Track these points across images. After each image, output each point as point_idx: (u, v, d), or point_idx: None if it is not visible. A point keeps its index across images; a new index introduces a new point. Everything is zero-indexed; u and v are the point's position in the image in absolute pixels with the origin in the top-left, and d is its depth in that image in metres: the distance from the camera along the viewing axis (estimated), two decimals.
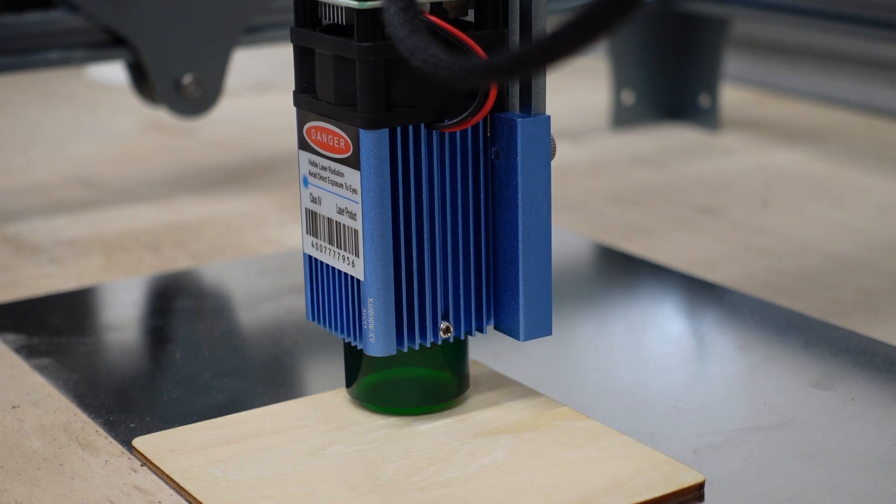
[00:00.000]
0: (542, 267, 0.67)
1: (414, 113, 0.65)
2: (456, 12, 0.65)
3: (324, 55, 0.66)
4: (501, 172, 0.67)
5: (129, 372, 0.80)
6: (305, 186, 0.68)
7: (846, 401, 0.73)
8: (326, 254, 0.68)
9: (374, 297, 0.65)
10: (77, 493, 0.65)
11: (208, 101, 1.09)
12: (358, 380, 0.70)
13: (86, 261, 0.99)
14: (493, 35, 0.65)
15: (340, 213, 0.66)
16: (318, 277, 0.69)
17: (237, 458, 0.66)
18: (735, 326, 0.84)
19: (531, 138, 0.65)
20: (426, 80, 0.62)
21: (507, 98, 0.66)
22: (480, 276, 0.68)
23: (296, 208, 1.10)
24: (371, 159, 0.64)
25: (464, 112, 0.65)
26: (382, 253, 0.65)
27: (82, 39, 1.05)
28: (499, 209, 0.67)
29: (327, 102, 0.66)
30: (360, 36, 0.63)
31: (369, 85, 0.63)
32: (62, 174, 1.22)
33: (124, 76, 1.12)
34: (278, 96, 1.52)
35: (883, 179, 1.16)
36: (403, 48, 0.55)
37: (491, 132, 0.67)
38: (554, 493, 0.62)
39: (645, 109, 1.35)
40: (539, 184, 0.66)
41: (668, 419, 0.71)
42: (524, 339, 0.68)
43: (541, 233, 0.67)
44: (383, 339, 0.66)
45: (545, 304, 0.68)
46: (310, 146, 0.67)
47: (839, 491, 0.63)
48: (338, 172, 0.66)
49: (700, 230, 1.03)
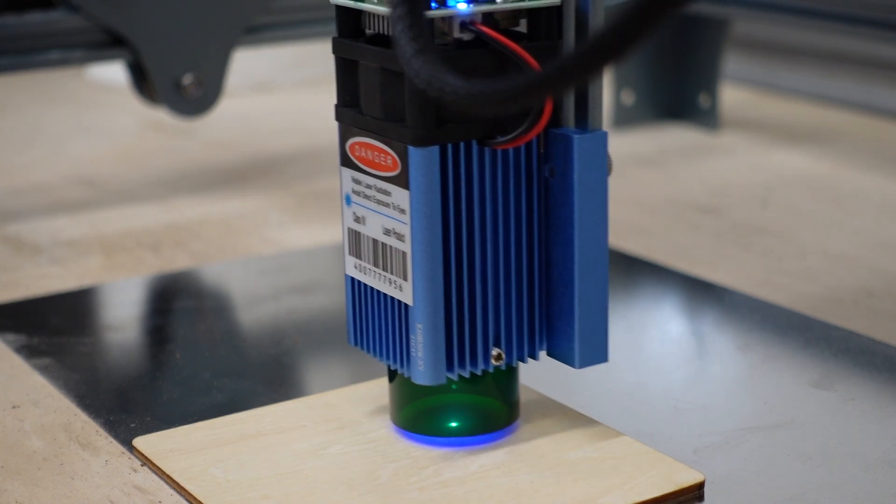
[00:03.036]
0: (598, 290, 0.64)
1: (465, 129, 0.61)
2: (507, 23, 0.62)
3: (369, 67, 0.62)
4: (556, 191, 0.63)
5: (129, 372, 0.80)
6: (348, 205, 0.65)
7: (846, 401, 0.73)
8: (371, 276, 0.64)
9: (424, 323, 0.62)
10: (77, 492, 0.65)
11: (208, 101, 1.09)
12: (403, 407, 0.67)
13: (86, 261, 0.99)
14: (547, 46, 0.62)
15: (387, 234, 0.63)
16: (362, 301, 0.65)
17: (237, 458, 0.66)
18: (735, 326, 0.84)
19: (588, 155, 0.62)
20: None
21: (562, 113, 0.63)
22: (533, 300, 0.64)
23: (295, 208, 1.10)
24: (420, 178, 0.60)
25: (517, 128, 0.61)
26: (432, 276, 0.61)
27: (82, 39, 1.05)
28: (552, 229, 0.64)
29: (373, 117, 0.62)
30: None
31: (419, 100, 0.59)
32: (62, 174, 1.22)
33: (124, 76, 1.12)
34: (278, 96, 1.53)
35: (883, 179, 1.16)
36: (409, 68, 0.53)
37: (545, 148, 0.63)
38: (554, 493, 0.62)
39: (645, 109, 1.35)
40: (596, 202, 0.63)
41: (668, 419, 0.71)
42: (580, 367, 0.64)
43: (597, 254, 0.63)
44: (432, 367, 0.62)
45: (601, 330, 0.64)
46: (353, 163, 0.64)
47: (839, 491, 0.63)
48: (384, 191, 0.62)
49: (700, 230, 1.03)
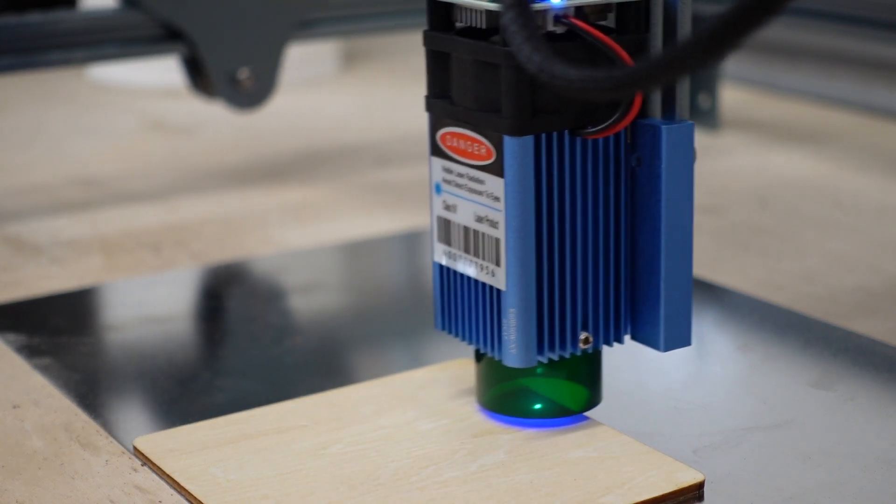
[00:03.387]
0: (683, 276, 0.65)
1: (558, 119, 0.62)
2: (596, 17, 0.63)
3: (462, 59, 0.64)
4: (643, 180, 0.64)
5: (129, 372, 0.80)
6: (438, 194, 0.66)
7: (846, 401, 0.73)
8: (461, 262, 0.66)
9: (516, 308, 0.63)
10: (78, 492, 0.65)
11: (263, 94, 1.12)
12: (489, 390, 0.68)
13: (86, 261, 0.99)
14: (636, 40, 0.63)
15: (479, 222, 0.64)
16: (451, 286, 0.67)
17: (237, 458, 0.66)
18: (735, 326, 0.84)
19: (676, 145, 0.63)
20: None
21: (650, 104, 0.64)
22: (620, 286, 0.66)
23: (295, 208, 1.10)
24: (515, 166, 0.62)
25: (608, 118, 0.62)
26: (525, 262, 0.63)
27: (139, 34, 1.07)
28: (639, 217, 0.65)
29: (466, 108, 0.64)
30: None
31: (516, 90, 0.61)
32: (62, 174, 1.22)
33: (124, 76, 1.12)
34: (278, 96, 1.52)
35: (883, 180, 1.16)
36: (520, 55, 0.55)
37: (632, 139, 0.64)
38: (554, 493, 0.62)
39: None
40: (682, 191, 0.64)
41: (668, 419, 0.71)
42: (665, 350, 0.66)
43: (683, 241, 0.64)
44: (524, 350, 0.64)
45: (686, 314, 0.65)
46: (444, 153, 0.65)
47: (839, 491, 0.63)
48: (477, 179, 0.64)
49: (700, 230, 1.03)
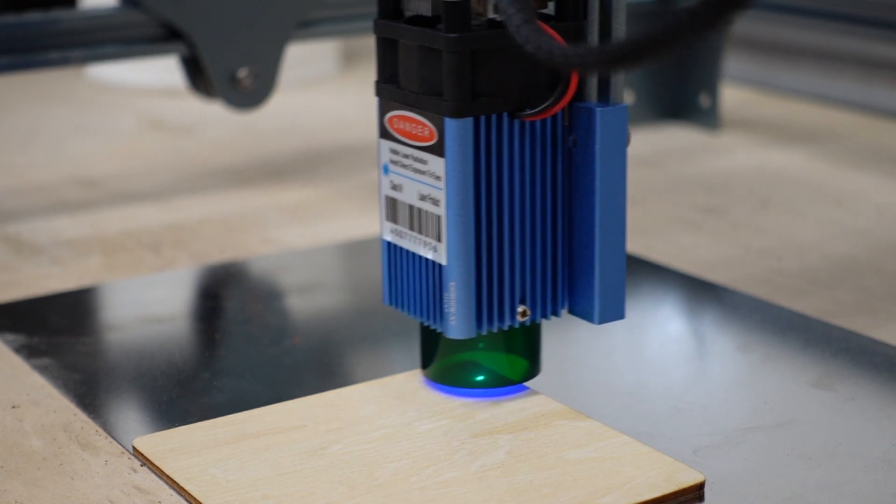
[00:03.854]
0: (616, 252, 0.68)
1: (497, 102, 0.66)
2: (537, 4, 0.66)
3: (408, 46, 0.67)
4: (578, 160, 0.68)
5: (129, 372, 0.80)
6: (386, 174, 0.69)
7: (846, 401, 0.73)
8: (407, 240, 0.69)
9: (457, 281, 0.67)
10: (77, 492, 0.65)
11: (262, 94, 1.12)
12: (434, 361, 0.72)
13: (86, 261, 0.99)
14: (573, 27, 0.66)
15: (423, 200, 0.67)
16: (397, 263, 0.70)
17: (237, 458, 0.66)
18: (735, 326, 0.84)
19: (610, 127, 0.67)
20: (509, 71, 0.65)
21: (586, 88, 0.67)
22: (556, 261, 0.69)
23: (296, 208, 1.10)
24: (456, 147, 0.65)
25: (545, 101, 0.66)
26: (465, 238, 0.66)
27: (139, 34, 1.07)
28: (575, 195, 0.68)
29: (411, 92, 0.67)
30: (448, 27, 0.64)
31: (456, 74, 0.64)
32: (62, 174, 1.22)
33: (124, 76, 1.12)
34: (278, 96, 1.52)
35: (883, 179, 1.16)
36: (518, 36, 0.58)
37: (569, 121, 0.68)
38: (554, 493, 0.62)
39: (645, 109, 1.35)
40: (616, 171, 0.67)
41: (668, 419, 0.71)
42: (599, 322, 0.69)
43: (616, 219, 0.68)
44: (464, 322, 0.67)
45: (619, 289, 0.69)
46: (391, 135, 0.69)
47: (839, 491, 0.63)
48: (421, 160, 0.67)
49: (700, 230, 1.03)
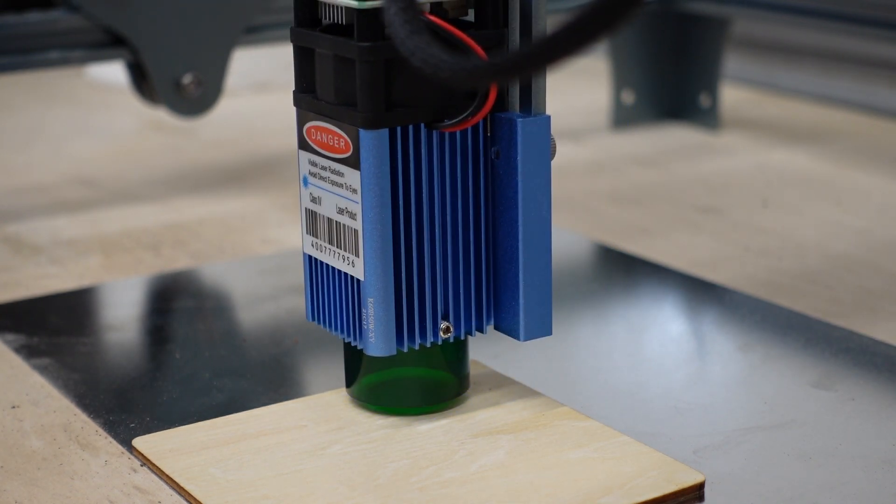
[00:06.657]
0: (542, 267, 0.67)
1: (414, 113, 0.64)
2: (456, 12, 0.65)
3: (324, 55, 0.66)
4: (501, 172, 0.67)
5: (129, 372, 0.80)
6: (305, 186, 0.68)
7: (846, 401, 0.73)
8: (326, 254, 0.68)
9: (375, 297, 0.65)
10: (77, 493, 0.65)
11: (208, 100, 1.09)
12: (358, 380, 0.70)
13: (86, 261, 0.99)
14: (494, 35, 0.65)
15: (340, 213, 0.66)
16: (318, 277, 0.69)
17: (237, 458, 0.66)
18: (735, 326, 0.84)
19: (531, 138, 0.65)
20: (426, 80, 0.62)
21: (507, 98, 0.66)
22: (480, 276, 0.68)
23: (296, 208, 1.10)
24: (371, 159, 0.64)
25: (464, 112, 0.65)
26: (382, 253, 0.65)
27: (82, 39, 1.05)
28: (499, 209, 0.67)
29: (327, 102, 0.66)
30: (360, 36, 0.63)
31: (369, 85, 0.63)
32: (62, 174, 1.22)
33: (124, 76, 1.12)
34: (278, 96, 1.52)
35: (883, 179, 1.16)
36: (404, 48, 0.56)
37: (491, 132, 0.66)
38: (554, 493, 0.62)
39: (645, 109, 1.35)
40: (539, 183, 0.66)
41: (668, 419, 0.71)
42: (524, 339, 0.68)
43: (541, 232, 0.67)
44: (383, 339, 0.66)
45: (545, 305, 0.68)
46: (310, 146, 0.67)
47: (839, 491, 0.63)
48: (338, 172, 0.66)
49: (700, 230, 1.03)
